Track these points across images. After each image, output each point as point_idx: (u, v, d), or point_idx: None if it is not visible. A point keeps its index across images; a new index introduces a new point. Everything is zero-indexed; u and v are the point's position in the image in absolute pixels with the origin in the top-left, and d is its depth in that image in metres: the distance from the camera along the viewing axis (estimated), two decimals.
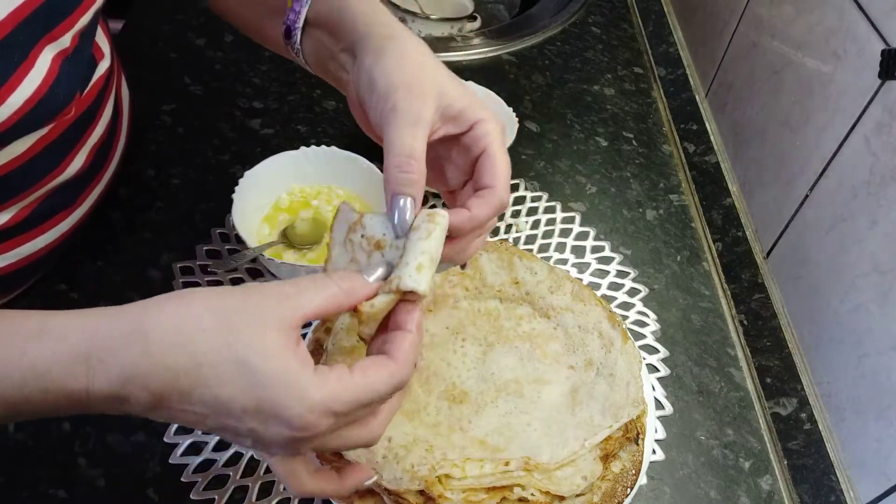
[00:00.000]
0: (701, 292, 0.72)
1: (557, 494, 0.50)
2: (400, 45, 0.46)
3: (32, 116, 0.51)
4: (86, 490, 0.52)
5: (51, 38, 0.51)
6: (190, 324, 0.35)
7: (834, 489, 0.58)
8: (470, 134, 0.46)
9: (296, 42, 0.53)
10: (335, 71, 0.52)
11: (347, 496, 0.47)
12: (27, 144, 0.53)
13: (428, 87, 0.44)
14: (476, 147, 0.46)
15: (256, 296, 0.36)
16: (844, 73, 0.63)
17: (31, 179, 0.55)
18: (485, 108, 0.47)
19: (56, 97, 0.52)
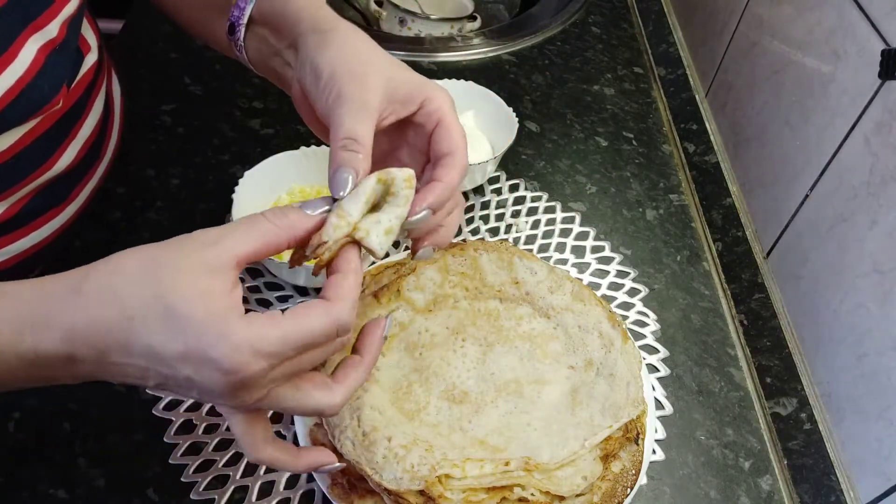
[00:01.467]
0: (701, 292, 0.72)
1: (557, 494, 0.50)
2: (342, 35, 0.46)
3: (15, 109, 0.50)
4: (86, 490, 0.52)
5: (35, 28, 0.50)
6: (119, 277, 0.36)
7: (834, 489, 0.58)
8: (421, 112, 0.47)
9: (239, 39, 0.54)
10: (279, 68, 0.53)
11: (302, 472, 0.46)
12: (15, 137, 0.53)
13: (372, 74, 0.44)
14: (429, 122, 0.47)
15: (187, 242, 0.37)
16: (844, 73, 0.63)
17: (20, 174, 0.55)
18: (432, 85, 0.47)
19: (40, 89, 0.52)
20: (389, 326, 0.45)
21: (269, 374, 0.36)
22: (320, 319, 0.37)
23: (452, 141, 0.47)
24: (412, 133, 0.49)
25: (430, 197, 0.44)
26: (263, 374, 0.36)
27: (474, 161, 0.72)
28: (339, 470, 0.49)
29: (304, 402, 0.39)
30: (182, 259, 0.36)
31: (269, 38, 0.53)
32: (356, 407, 0.51)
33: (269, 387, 0.37)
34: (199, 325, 0.34)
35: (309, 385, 0.40)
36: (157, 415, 0.56)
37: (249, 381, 0.36)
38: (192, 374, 0.35)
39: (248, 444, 0.41)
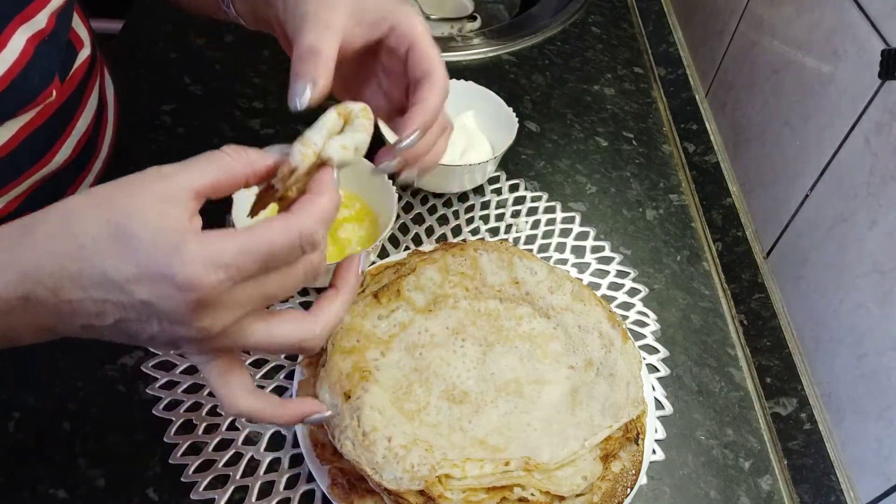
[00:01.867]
0: (701, 292, 0.72)
1: (557, 494, 0.50)
2: None
3: (7, 99, 0.50)
4: (86, 490, 0.52)
5: (23, 18, 0.50)
6: (71, 211, 0.34)
7: (834, 489, 0.58)
8: (392, 36, 0.47)
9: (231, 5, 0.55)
10: (263, 12, 0.52)
11: (287, 424, 0.43)
12: (10, 132, 0.53)
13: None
14: (401, 46, 0.47)
15: (141, 175, 0.35)
16: (844, 73, 0.63)
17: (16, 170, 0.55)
18: (404, 8, 0.47)
19: (31, 80, 0.52)
20: (365, 260, 0.43)
21: (232, 294, 0.34)
22: (280, 230, 0.35)
23: (427, 62, 0.46)
24: (386, 58, 0.49)
25: (416, 119, 0.44)
26: (224, 291, 0.34)
27: (474, 161, 0.73)
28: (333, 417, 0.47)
29: (277, 334, 0.38)
30: (136, 188, 0.34)
31: (257, 3, 0.53)
32: (356, 407, 0.51)
33: (236, 313, 0.35)
34: (151, 242, 0.33)
35: (281, 318, 0.38)
36: (157, 415, 0.56)
37: (209, 299, 0.34)
38: (148, 296, 0.33)
39: (224, 395, 0.39)
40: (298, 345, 0.39)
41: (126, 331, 0.36)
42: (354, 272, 0.42)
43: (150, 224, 0.33)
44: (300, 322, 0.39)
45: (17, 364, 0.57)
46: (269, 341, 0.38)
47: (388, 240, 0.71)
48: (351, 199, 0.69)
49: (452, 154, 0.74)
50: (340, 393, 0.52)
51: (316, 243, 0.37)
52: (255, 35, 0.92)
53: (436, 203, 0.75)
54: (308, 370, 0.57)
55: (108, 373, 0.58)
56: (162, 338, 0.36)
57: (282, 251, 0.35)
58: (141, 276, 0.33)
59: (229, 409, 0.39)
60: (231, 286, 0.34)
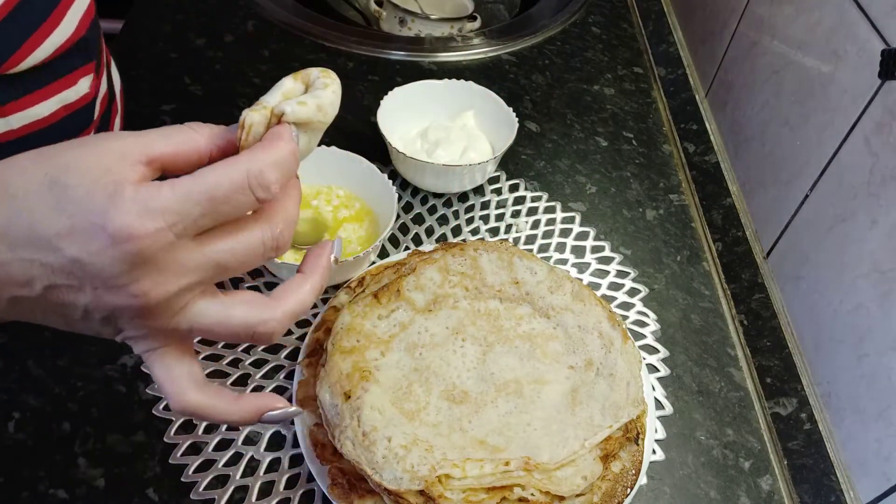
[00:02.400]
0: (701, 292, 0.72)
1: (557, 494, 0.50)
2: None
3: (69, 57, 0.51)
4: (86, 490, 0.52)
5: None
6: (10, 164, 0.32)
7: (834, 489, 0.58)
8: None
9: None
10: None
11: (242, 422, 0.38)
12: (50, 109, 0.53)
13: None
14: None
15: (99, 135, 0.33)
16: (844, 73, 0.63)
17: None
18: None
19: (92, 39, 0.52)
20: (339, 248, 0.39)
21: (174, 252, 0.31)
22: (224, 168, 0.32)
23: None
24: None
25: None
26: (164, 245, 0.30)
27: (474, 161, 0.73)
28: (298, 413, 0.41)
29: (232, 315, 0.34)
30: (85, 145, 0.32)
31: None
32: (356, 407, 0.51)
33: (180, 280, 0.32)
34: (87, 193, 0.30)
35: (237, 298, 0.34)
36: (157, 415, 0.56)
37: (147, 254, 0.30)
38: (78, 252, 0.30)
39: (169, 389, 0.35)
40: (254, 329, 0.35)
41: (57, 303, 0.32)
42: (326, 258, 0.38)
43: (88, 176, 0.30)
44: (259, 305, 0.35)
45: (17, 364, 0.57)
46: (222, 324, 0.34)
47: (388, 240, 0.71)
48: (351, 199, 0.69)
49: (452, 154, 0.74)
50: (340, 393, 0.52)
51: (267, 186, 0.32)
52: (255, 35, 0.92)
53: (436, 203, 0.75)
54: (308, 370, 0.57)
55: (108, 373, 0.58)
56: (97, 313, 0.32)
57: (228, 193, 0.31)
58: (72, 230, 0.30)
59: (175, 406, 0.35)
60: (173, 240, 0.31)
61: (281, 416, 0.38)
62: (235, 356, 0.60)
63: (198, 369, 0.36)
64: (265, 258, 0.35)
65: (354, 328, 0.56)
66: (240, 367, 0.59)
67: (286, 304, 0.36)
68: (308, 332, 0.61)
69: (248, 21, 0.94)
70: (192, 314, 0.33)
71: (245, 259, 0.34)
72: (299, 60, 0.89)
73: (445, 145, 0.74)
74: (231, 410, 0.37)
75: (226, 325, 0.34)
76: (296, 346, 0.61)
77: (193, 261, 0.32)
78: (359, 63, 0.91)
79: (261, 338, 0.35)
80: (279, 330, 0.35)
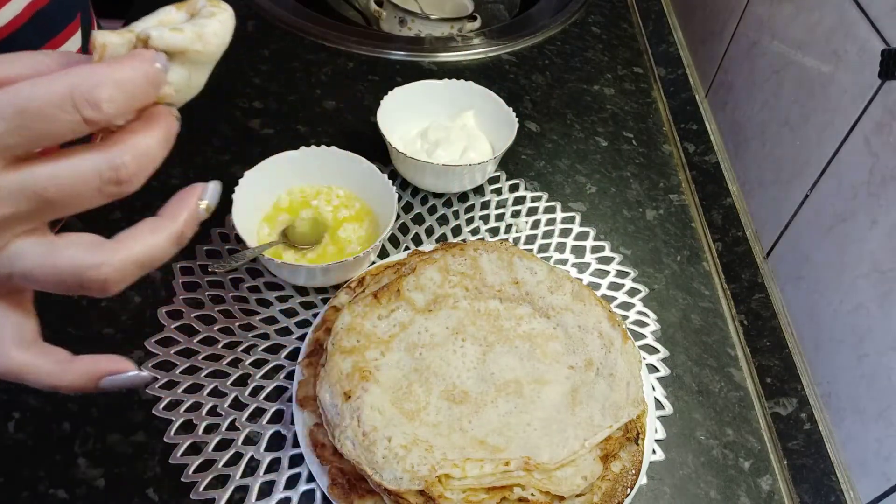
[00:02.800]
0: (701, 292, 0.72)
1: (557, 494, 0.50)
2: None
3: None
4: (86, 490, 0.52)
5: None
6: None
7: (834, 489, 0.58)
8: None
9: None
10: None
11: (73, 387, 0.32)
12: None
13: None
14: None
15: None
16: (844, 73, 0.63)
17: None
18: None
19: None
20: (214, 194, 0.33)
21: None
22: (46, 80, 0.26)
23: None
24: None
25: None
26: None
27: (474, 161, 0.73)
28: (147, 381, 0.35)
29: (59, 256, 0.29)
30: None
31: None
32: (356, 407, 0.51)
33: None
34: None
35: (69, 240, 0.29)
36: (157, 415, 0.56)
37: None
38: None
39: None
40: (83, 273, 0.29)
41: None
42: (191, 203, 0.32)
43: None
44: (93, 247, 0.29)
45: None
46: (45, 266, 0.29)
47: (388, 240, 0.71)
48: (351, 199, 0.69)
49: (452, 154, 0.74)
50: (340, 393, 0.52)
51: (97, 103, 0.27)
52: (255, 35, 0.92)
53: (436, 203, 0.75)
54: (308, 370, 0.57)
55: None
56: None
57: (43, 107, 0.26)
58: None
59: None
60: None
61: (122, 382, 0.32)
62: (235, 356, 0.60)
63: (29, 326, 0.31)
64: (103, 193, 0.29)
65: (354, 328, 0.56)
66: (240, 367, 0.59)
67: (129, 249, 0.30)
68: (308, 332, 0.61)
69: (248, 21, 0.94)
70: (9, 255, 0.29)
71: (72, 190, 0.28)
72: (299, 60, 0.89)
73: (445, 145, 0.74)
74: (58, 372, 0.31)
75: (50, 268, 0.29)
76: (296, 346, 0.61)
77: (4, 187, 0.27)
78: (359, 63, 0.91)
79: (91, 285, 0.29)
80: (115, 278, 0.29)
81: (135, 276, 0.30)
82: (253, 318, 0.63)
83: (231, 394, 0.58)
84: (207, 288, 0.64)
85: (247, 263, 0.65)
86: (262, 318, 0.63)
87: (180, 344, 0.60)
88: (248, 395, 0.58)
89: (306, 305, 0.65)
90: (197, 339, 0.60)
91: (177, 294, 0.63)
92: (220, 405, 0.57)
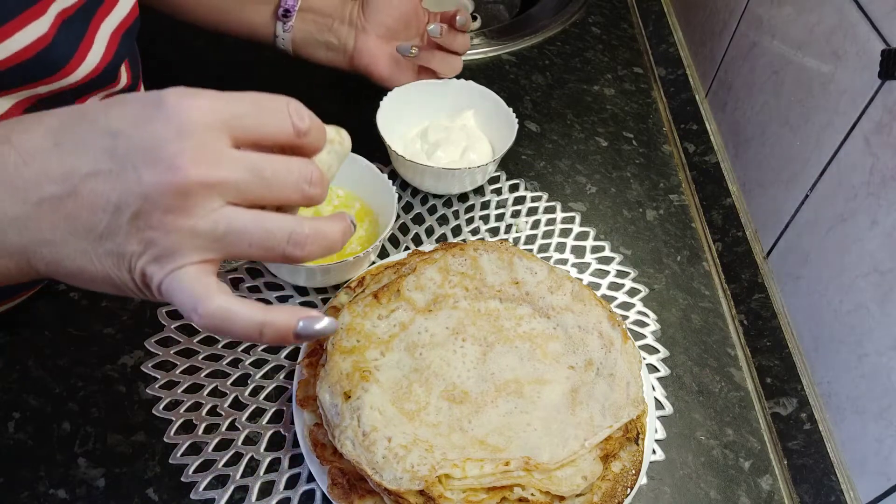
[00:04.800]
0: (701, 292, 0.72)
1: (557, 494, 0.50)
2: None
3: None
4: (86, 490, 0.52)
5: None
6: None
7: (834, 489, 0.58)
8: None
9: (290, 23, 0.72)
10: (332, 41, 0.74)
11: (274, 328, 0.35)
12: None
13: None
14: None
15: None
16: (844, 73, 0.63)
17: None
18: None
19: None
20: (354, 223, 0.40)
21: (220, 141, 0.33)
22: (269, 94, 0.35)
23: None
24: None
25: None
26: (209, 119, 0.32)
27: (475, 163, 0.73)
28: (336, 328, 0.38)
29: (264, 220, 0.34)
30: None
31: (317, 20, 0.73)
32: (356, 407, 0.51)
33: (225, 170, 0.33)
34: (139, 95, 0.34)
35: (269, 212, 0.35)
36: (157, 415, 0.56)
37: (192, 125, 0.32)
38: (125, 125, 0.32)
39: (198, 293, 0.33)
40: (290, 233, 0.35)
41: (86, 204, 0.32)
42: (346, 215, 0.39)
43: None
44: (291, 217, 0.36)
45: (17, 364, 0.57)
46: (259, 226, 0.34)
47: (388, 240, 0.71)
48: (351, 199, 0.69)
49: (452, 155, 0.74)
50: (340, 393, 0.52)
51: (302, 116, 0.35)
52: None
53: (436, 203, 0.75)
54: (308, 370, 0.57)
55: (108, 373, 0.58)
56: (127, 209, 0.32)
57: (268, 103, 0.35)
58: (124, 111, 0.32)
59: (203, 311, 0.33)
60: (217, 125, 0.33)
61: (317, 329, 0.35)
62: (235, 356, 0.60)
63: (225, 287, 0.35)
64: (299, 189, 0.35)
65: (354, 328, 0.56)
66: (240, 367, 0.59)
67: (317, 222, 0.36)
68: None
69: None
70: (225, 215, 0.33)
71: (283, 174, 0.35)
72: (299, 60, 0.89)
73: (445, 146, 0.74)
74: (260, 315, 0.34)
75: (262, 228, 0.34)
76: (296, 346, 0.61)
77: (232, 156, 0.33)
78: None
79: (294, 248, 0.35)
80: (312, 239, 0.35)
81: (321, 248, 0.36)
82: None
83: (231, 394, 0.58)
84: None
85: (247, 263, 0.65)
86: None
87: (180, 344, 0.60)
88: (248, 395, 0.58)
89: (306, 305, 0.65)
90: (197, 339, 0.60)
91: None
92: (220, 405, 0.57)
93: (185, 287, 0.33)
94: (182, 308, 0.34)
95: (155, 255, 0.33)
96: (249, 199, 0.34)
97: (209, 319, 0.33)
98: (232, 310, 0.34)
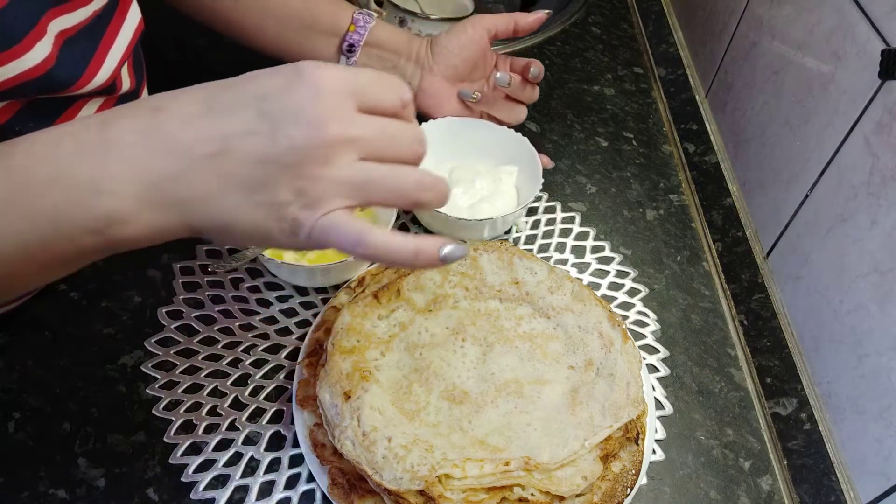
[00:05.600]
0: (701, 292, 0.72)
1: (557, 494, 0.50)
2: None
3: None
4: (86, 490, 0.52)
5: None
6: None
7: (834, 489, 0.58)
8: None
9: (355, 58, 0.72)
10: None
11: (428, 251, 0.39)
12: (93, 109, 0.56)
13: None
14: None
15: None
16: (844, 73, 0.63)
17: None
18: None
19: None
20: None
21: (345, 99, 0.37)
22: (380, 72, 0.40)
23: None
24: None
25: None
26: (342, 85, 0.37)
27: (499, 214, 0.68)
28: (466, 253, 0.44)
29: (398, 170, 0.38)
30: None
31: (382, 56, 0.73)
32: (356, 407, 0.51)
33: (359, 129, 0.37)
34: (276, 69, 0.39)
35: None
36: (157, 415, 0.56)
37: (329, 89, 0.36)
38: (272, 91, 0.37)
39: (357, 231, 0.37)
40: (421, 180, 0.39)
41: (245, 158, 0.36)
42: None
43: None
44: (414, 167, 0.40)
45: (17, 364, 0.57)
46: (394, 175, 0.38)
47: None
48: None
49: (467, 199, 0.70)
50: (340, 393, 0.52)
51: (406, 90, 0.40)
52: None
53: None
54: (308, 370, 0.57)
55: (108, 373, 0.58)
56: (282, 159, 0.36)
57: (385, 78, 0.39)
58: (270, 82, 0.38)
59: (366, 242, 0.37)
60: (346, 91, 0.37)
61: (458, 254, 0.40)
62: (235, 356, 0.60)
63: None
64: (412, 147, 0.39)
65: (354, 328, 0.56)
66: (240, 367, 0.59)
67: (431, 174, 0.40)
68: (308, 332, 0.61)
69: None
70: (365, 165, 0.37)
71: (402, 133, 0.39)
72: None
73: (466, 186, 0.70)
74: (412, 242, 0.38)
75: (396, 176, 0.38)
76: (296, 346, 0.61)
77: (360, 118, 0.37)
78: None
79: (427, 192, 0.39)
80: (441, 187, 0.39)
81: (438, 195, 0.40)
82: (253, 318, 0.63)
83: (231, 394, 0.58)
84: (207, 288, 0.64)
85: (247, 263, 0.65)
86: (262, 318, 0.63)
87: (180, 344, 0.60)
88: (248, 395, 0.58)
89: (306, 305, 0.65)
90: (197, 339, 0.60)
91: (177, 294, 0.63)
92: (220, 405, 0.57)
93: (342, 226, 0.37)
94: (341, 245, 0.38)
95: (306, 202, 0.37)
96: (376, 154, 0.38)
97: (373, 250, 0.38)
98: (390, 241, 0.38)
